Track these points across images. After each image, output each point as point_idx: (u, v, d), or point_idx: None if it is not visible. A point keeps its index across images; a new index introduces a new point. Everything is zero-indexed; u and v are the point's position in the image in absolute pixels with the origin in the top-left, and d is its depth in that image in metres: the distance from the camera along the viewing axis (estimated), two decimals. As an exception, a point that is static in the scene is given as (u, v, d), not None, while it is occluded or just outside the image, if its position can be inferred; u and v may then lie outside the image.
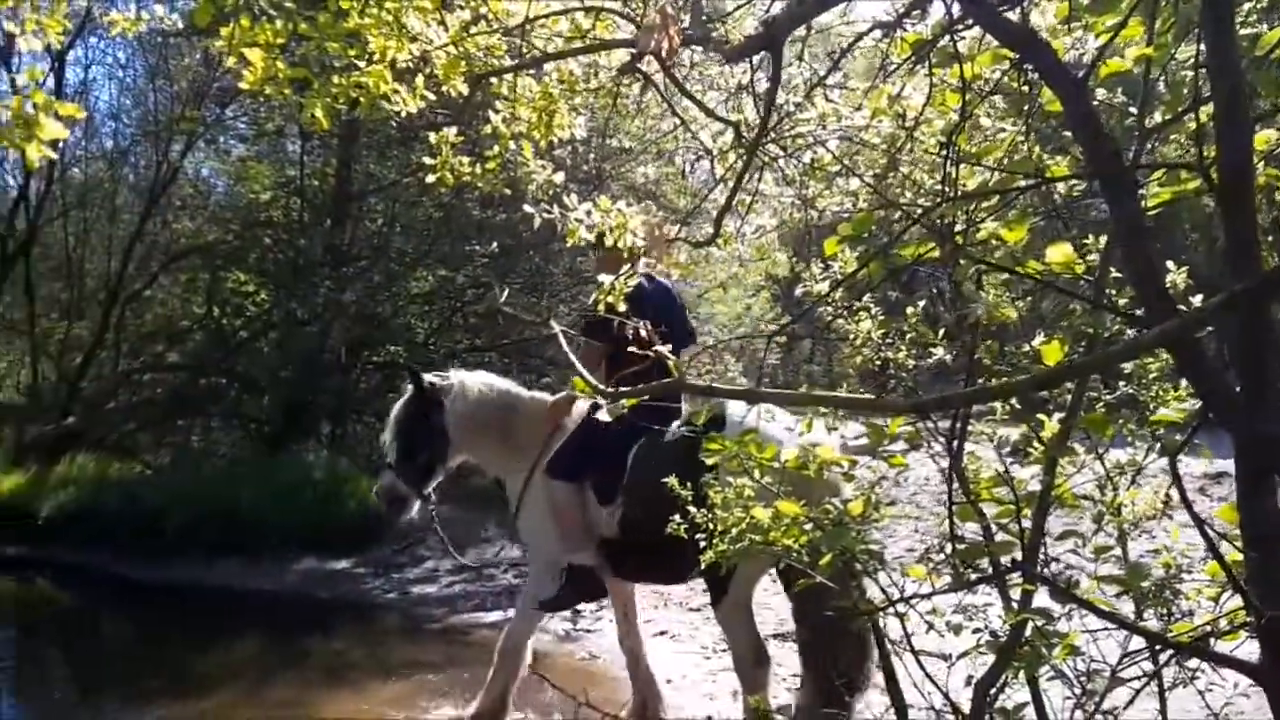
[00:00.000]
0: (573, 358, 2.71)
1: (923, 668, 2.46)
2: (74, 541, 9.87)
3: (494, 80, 3.94)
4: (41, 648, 7.77)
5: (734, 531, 2.98)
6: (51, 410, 13.35)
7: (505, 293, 10.12)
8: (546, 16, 3.36)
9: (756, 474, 2.73)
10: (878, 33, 2.45)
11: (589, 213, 4.17)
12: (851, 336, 2.91)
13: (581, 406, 4.98)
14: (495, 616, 7.58)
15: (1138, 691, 2.36)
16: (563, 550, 4.96)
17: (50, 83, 12.70)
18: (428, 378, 5.08)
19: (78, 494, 10.61)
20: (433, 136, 4.61)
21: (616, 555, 4.90)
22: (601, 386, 2.46)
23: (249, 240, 12.89)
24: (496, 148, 4.30)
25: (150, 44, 14.08)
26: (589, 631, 7.10)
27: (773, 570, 7.90)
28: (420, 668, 6.46)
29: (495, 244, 12.15)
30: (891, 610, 2.45)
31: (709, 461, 2.73)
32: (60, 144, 4.07)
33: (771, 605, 7.34)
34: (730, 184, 2.99)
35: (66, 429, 12.50)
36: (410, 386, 5.06)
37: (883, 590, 2.51)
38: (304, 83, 4.13)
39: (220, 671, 6.42)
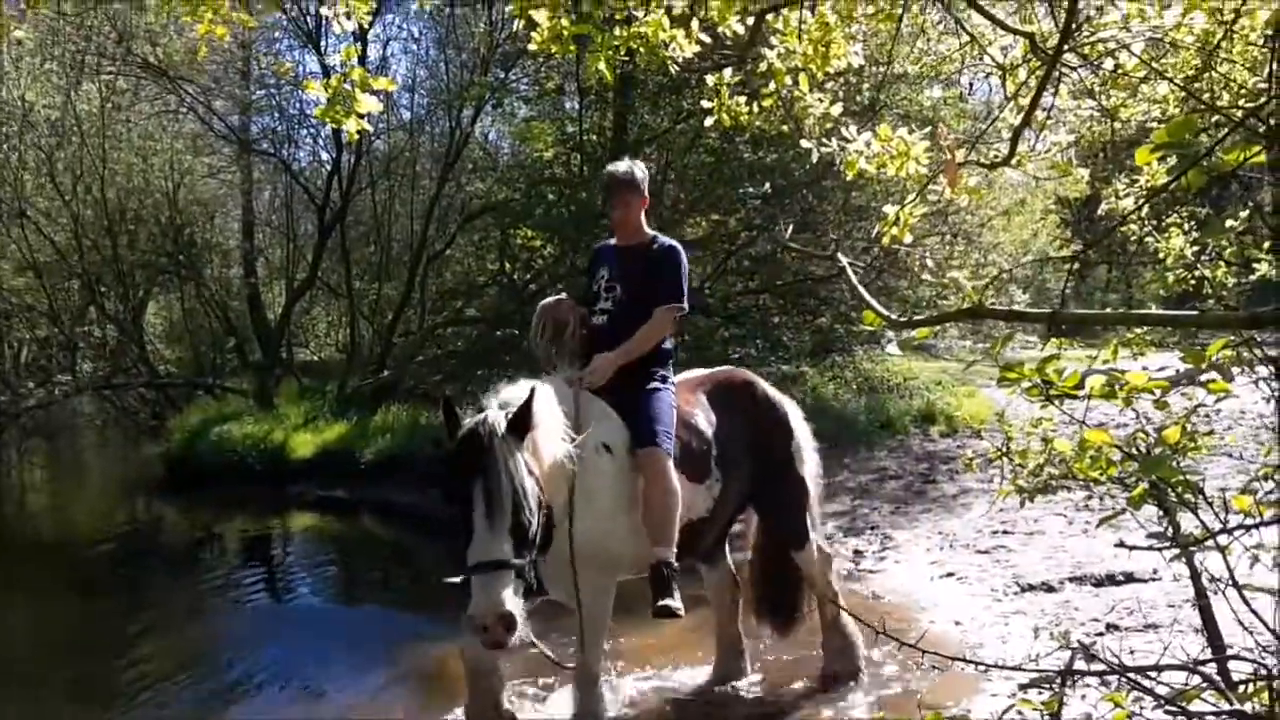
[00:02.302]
0: (860, 290, 2.69)
1: (1247, 604, 2.29)
2: (390, 484, 10.72)
3: (769, 17, 3.93)
4: (359, 574, 8.60)
5: (1031, 465, 2.87)
6: (368, 365, 14.67)
7: (790, 229, 10.05)
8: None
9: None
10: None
11: (868, 144, 4.10)
12: (1161, 255, 2.72)
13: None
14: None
15: None
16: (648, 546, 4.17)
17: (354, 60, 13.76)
18: (503, 402, 3.83)
19: (393, 441, 11.57)
20: (709, 79, 4.67)
21: (698, 538, 4.52)
22: (891, 316, 2.43)
23: (535, 197, 13.48)
24: (773, 84, 4.30)
25: (440, 16, 14.99)
26: (872, 572, 7.04)
27: (1070, 510, 7.56)
28: (699, 603, 6.64)
29: (767, 185, 12.12)
30: (1212, 544, 2.29)
31: (1007, 391, 2.59)
32: (367, 117, 4.46)
33: (1067, 548, 7.02)
34: (1023, 101, 2.84)
35: (382, 381, 13.69)
36: (490, 420, 3.63)
37: (1202, 524, 2.35)
38: (585, 38, 4.29)
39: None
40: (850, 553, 7.52)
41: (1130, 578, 6.12)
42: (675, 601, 4.07)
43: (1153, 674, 2.01)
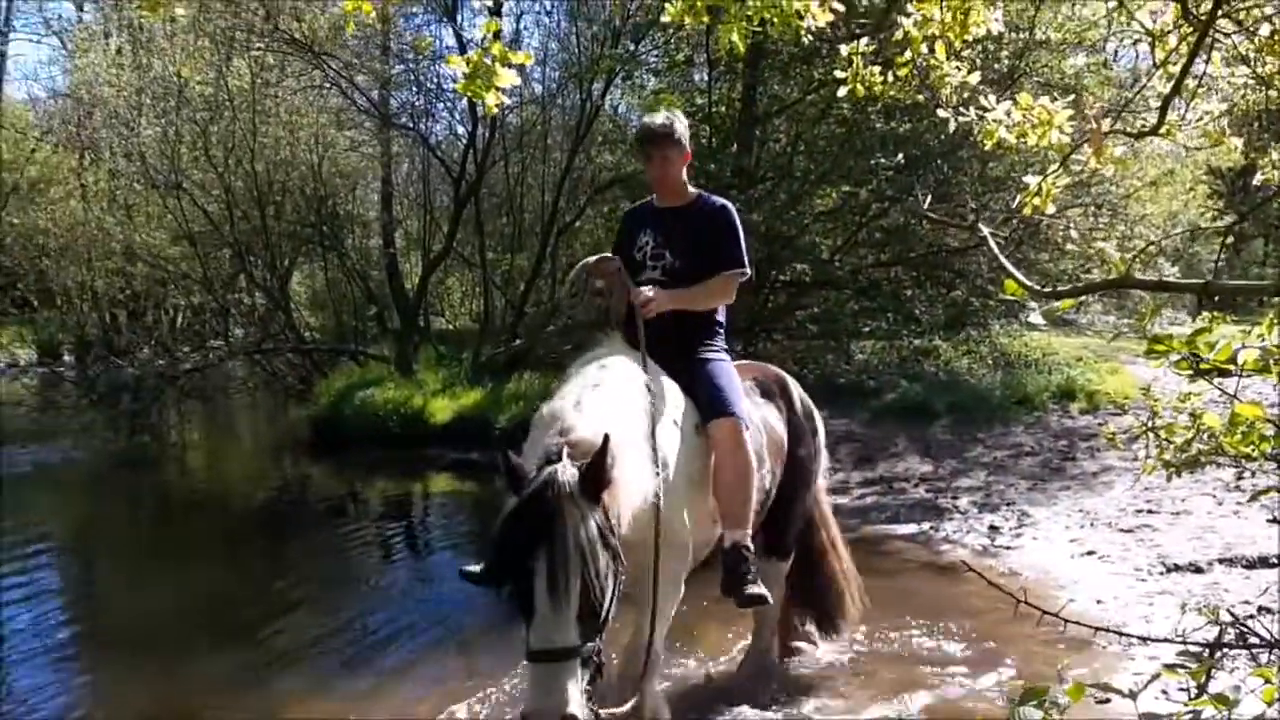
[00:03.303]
0: (1003, 260, 2.66)
1: None
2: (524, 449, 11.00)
3: (908, -17, 3.87)
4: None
5: (1179, 440, 2.81)
6: (502, 334, 15.03)
7: (929, 199, 9.85)
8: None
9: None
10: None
11: (1008, 112, 4.01)
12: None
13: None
14: (909, 529, 7.62)
15: None
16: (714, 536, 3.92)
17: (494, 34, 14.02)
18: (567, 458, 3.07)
19: (526, 407, 11.82)
20: (843, 49, 4.63)
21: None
22: (1034, 286, 2.40)
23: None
24: (908, 53, 4.24)
25: (571, -11, 15.16)
26: (1008, 549, 6.93)
27: (1219, 490, 7.28)
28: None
29: (900, 156, 11.90)
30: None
31: (1156, 363, 2.50)
32: (505, 91, 4.58)
33: (1216, 528, 6.78)
34: (1172, 69, 2.75)
35: (515, 350, 14.03)
36: (560, 478, 2.95)
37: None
38: (719, 9, 4.31)
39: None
40: (986, 528, 7.42)
41: (1284, 560, 5.89)
42: (760, 587, 3.77)
43: (1303, 651, 1.96)
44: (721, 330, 4.29)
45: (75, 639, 5.90)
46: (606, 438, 2.97)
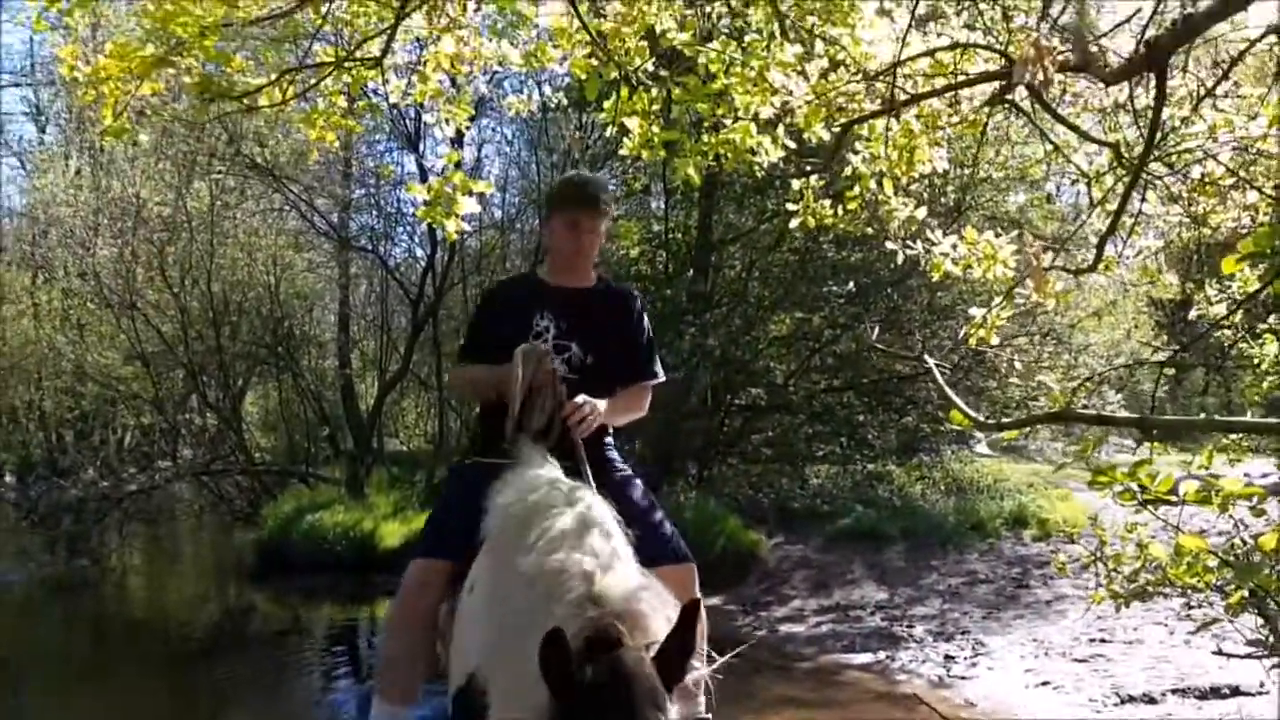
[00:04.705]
0: (948, 391, 2.71)
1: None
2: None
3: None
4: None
5: (1127, 570, 2.83)
6: (455, 455, 14.90)
7: (876, 329, 10.07)
8: (913, 58, 3.41)
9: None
10: (1272, 37, 2.29)
11: (954, 246, 4.16)
12: (1255, 361, 2.70)
13: None
14: (865, 658, 7.53)
15: None
16: None
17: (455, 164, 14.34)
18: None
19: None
20: (794, 184, 4.79)
21: None
22: (978, 417, 2.45)
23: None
24: (857, 188, 4.40)
25: (532, 120, 15.55)
26: (964, 678, 6.86)
27: (1170, 619, 7.28)
28: (793, 704, 6.55)
29: (851, 284, 12.19)
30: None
31: (1103, 494, 2.49)
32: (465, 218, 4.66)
33: (1169, 658, 6.76)
34: (1110, 207, 2.87)
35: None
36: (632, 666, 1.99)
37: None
38: (673, 143, 4.47)
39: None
40: (941, 658, 7.34)
41: (1236, 691, 5.87)
42: None
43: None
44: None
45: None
46: (694, 603, 2.04)
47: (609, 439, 3.50)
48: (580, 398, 3.15)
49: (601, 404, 3.21)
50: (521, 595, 2.24)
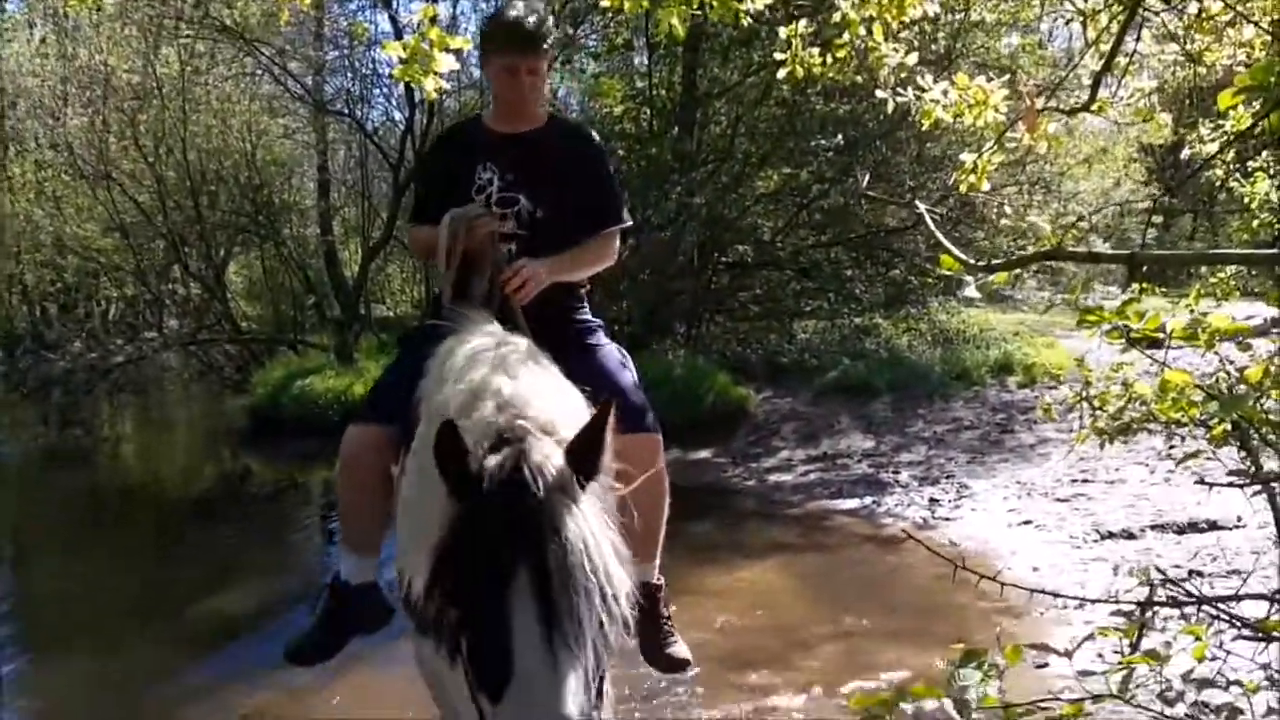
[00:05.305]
0: (939, 235, 2.72)
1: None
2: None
3: (844, -36, 3.91)
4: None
5: (1111, 408, 2.89)
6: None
7: (866, 178, 9.97)
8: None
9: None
10: None
11: (945, 92, 4.08)
12: (1245, 200, 2.71)
13: None
14: (851, 504, 7.74)
15: None
16: None
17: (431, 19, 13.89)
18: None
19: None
20: (782, 31, 4.67)
21: None
22: (970, 260, 2.46)
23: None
24: (846, 35, 4.29)
25: (509, -28, 15.00)
26: (948, 520, 7.08)
27: (1151, 458, 7.48)
28: (781, 549, 6.77)
29: (839, 137, 12.03)
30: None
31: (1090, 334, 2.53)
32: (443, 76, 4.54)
33: (1149, 495, 6.98)
34: (1104, 46, 2.83)
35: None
36: (536, 457, 1.82)
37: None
38: (658, -8, 4.32)
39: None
40: (926, 501, 7.56)
41: (1214, 525, 6.09)
42: (683, 646, 3.07)
43: (1232, 604, 2.05)
44: (585, 293, 3.29)
45: (2, 632, 5.76)
46: (609, 401, 1.90)
47: (578, 303, 3.22)
48: (521, 261, 2.90)
49: (544, 264, 2.91)
50: (464, 413, 2.03)
